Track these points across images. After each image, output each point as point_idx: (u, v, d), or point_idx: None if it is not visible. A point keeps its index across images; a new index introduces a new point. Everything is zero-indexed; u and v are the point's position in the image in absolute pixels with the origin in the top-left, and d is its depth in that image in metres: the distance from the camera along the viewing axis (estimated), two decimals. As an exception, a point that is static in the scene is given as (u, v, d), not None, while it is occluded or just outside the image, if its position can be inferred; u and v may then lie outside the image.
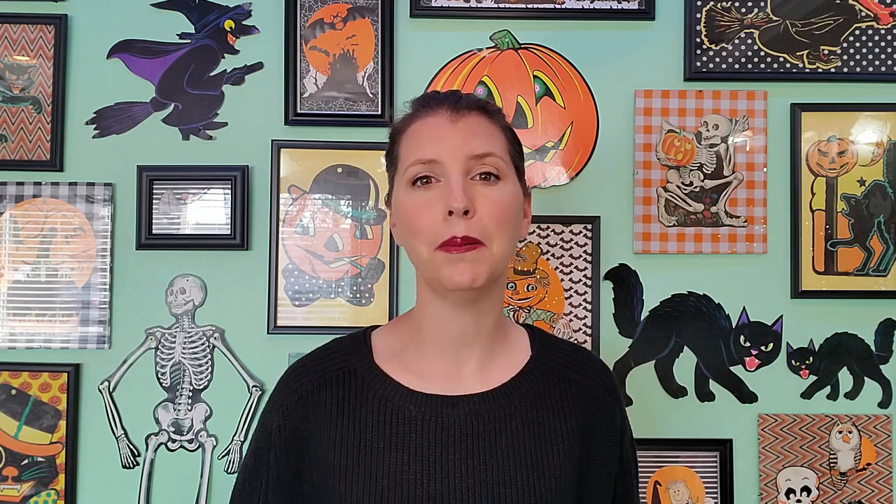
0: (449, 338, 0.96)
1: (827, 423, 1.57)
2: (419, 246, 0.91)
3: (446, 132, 0.92)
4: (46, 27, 1.58)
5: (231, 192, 1.55)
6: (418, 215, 0.91)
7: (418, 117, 0.95)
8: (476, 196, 0.90)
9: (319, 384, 0.96)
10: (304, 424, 0.95)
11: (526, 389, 0.96)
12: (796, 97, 1.59)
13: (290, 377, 1.00)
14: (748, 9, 1.59)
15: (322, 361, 0.99)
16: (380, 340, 1.01)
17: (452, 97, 0.95)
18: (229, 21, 1.59)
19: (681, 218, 1.58)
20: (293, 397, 0.96)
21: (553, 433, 0.94)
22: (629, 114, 1.59)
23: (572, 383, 0.99)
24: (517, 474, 0.91)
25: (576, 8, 1.58)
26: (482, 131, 0.93)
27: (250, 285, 1.57)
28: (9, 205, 1.57)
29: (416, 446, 0.91)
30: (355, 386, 0.95)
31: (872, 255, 1.58)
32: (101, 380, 1.55)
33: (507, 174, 0.93)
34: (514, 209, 0.93)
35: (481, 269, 0.89)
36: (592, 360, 1.05)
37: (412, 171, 0.92)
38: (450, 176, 0.90)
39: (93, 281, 1.56)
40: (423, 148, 0.92)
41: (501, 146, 0.94)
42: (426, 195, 0.91)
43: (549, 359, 1.00)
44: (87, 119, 1.58)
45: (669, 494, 1.56)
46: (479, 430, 0.92)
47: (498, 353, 0.98)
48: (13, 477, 1.54)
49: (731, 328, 1.58)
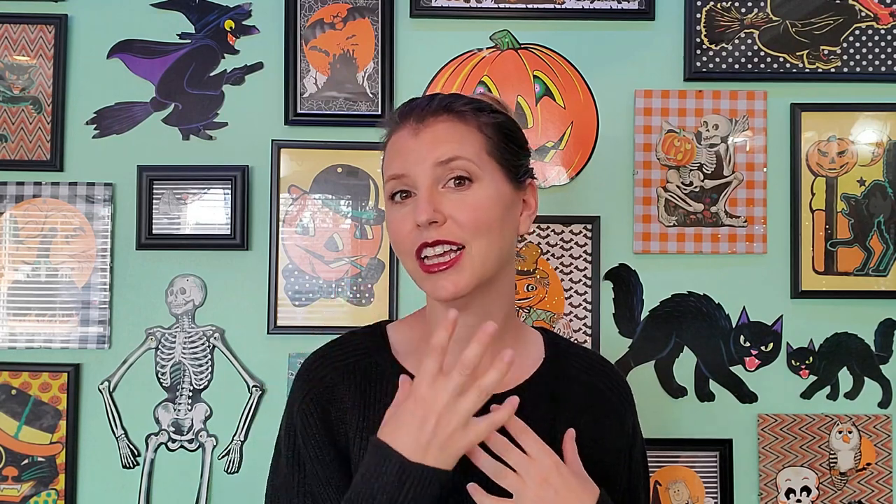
0: (456, 339, 0.94)
1: (827, 423, 1.57)
2: (403, 258, 0.93)
3: (411, 145, 0.92)
4: (46, 27, 1.58)
5: (231, 192, 1.55)
6: (397, 229, 0.92)
7: (394, 131, 0.95)
8: (446, 204, 0.89)
9: (342, 374, 0.95)
10: (331, 414, 0.94)
11: (541, 390, 0.96)
12: (796, 97, 1.59)
13: (311, 368, 0.98)
14: (748, 9, 1.59)
15: (343, 352, 0.98)
16: (396, 335, 1.00)
17: (421, 105, 0.94)
18: (229, 21, 1.59)
19: (681, 218, 1.58)
20: (318, 387, 0.95)
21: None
22: (629, 114, 1.59)
23: (584, 386, 0.99)
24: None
25: (576, 8, 1.58)
26: (448, 137, 0.91)
27: (250, 285, 1.57)
28: (9, 205, 1.57)
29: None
30: (376, 378, 0.95)
31: (872, 255, 1.58)
32: (101, 380, 1.55)
33: (481, 175, 0.91)
34: (493, 209, 0.91)
35: (463, 280, 0.89)
36: (606, 366, 1.04)
37: (388, 187, 0.93)
38: (418, 188, 0.90)
39: (93, 281, 1.56)
40: (394, 163, 0.93)
41: (474, 148, 0.91)
42: (404, 209, 0.92)
43: (562, 362, 1.00)
44: (87, 119, 1.58)
45: (669, 494, 1.56)
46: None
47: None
48: (13, 477, 1.54)
49: (731, 328, 1.58)
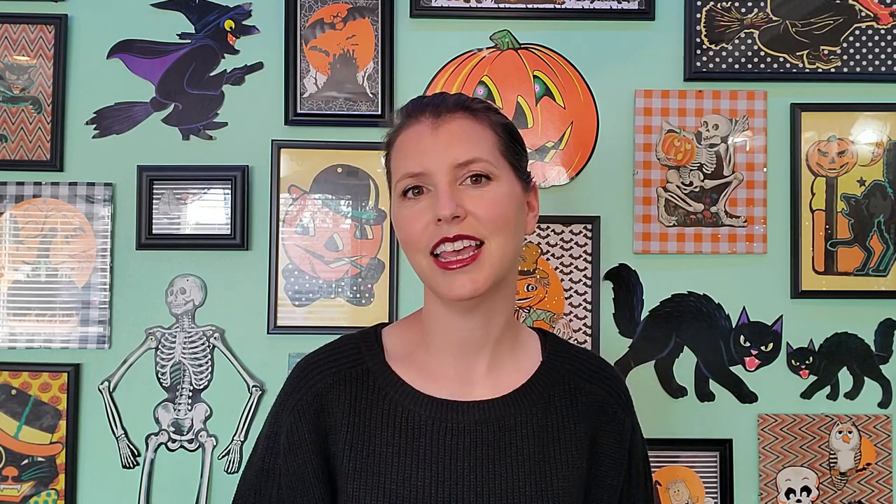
0: (457, 342, 0.95)
1: (827, 423, 1.57)
2: (415, 255, 0.91)
3: (429, 142, 0.91)
4: (46, 27, 1.58)
5: (231, 192, 1.55)
6: (411, 225, 0.91)
7: (404, 128, 0.94)
8: (466, 200, 0.89)
9: (334, 381, 0.94)
10: (321, 421, 0.93)
11: (536, 396, 0.95)
12: (796, 97, 1.59)
13: (303, 373, 0.97)
14: (748, 9, 1.59)
15: (335, 358, 0.97)
16: (390, 339, 0.99)
17: (434, 101, 0.94)
18: (229, 21, 1.59)
19: (681, 218, 1.58)
20: (309, 394, 0.94)
21: (562, 443, 0.94)
22: (629, 114, 1.59)
23: (582, 392, 0.98)
24: (526, 483, 0.90)
25: (576, 8, 1.58)
26: (466, 135, 0.91)
27: (250, 285, 1.57)
28: (9, 205, 1.57)
29: (424, 452, 0.90)
30: (367, 386, 0.94)
31: (872, 255, 1.58)
32: (101, 380, 1.55)
33: (498, 174, 0.91)
34: (510, 207, 0.92)
35: (482, 277, 0.88)
36: (605, 369, 1.03)
37: (402, 184, 0.92)
38: (437, 185, 0.89)
39: (93, 281, 1.56)
40: (409, 161, 0.91)
41: (489, 147, 0.92)
42: (418, 205, 0.91)
43: (560, 365, 0.99)
44: (87, 119, 1.58)
45: (669, 494, 1.56)
46: (489, 437, 0.91)
47: (508, 357, 0.97)
48: (13, 477, 1.54)
49: (731, 328, 1.58)
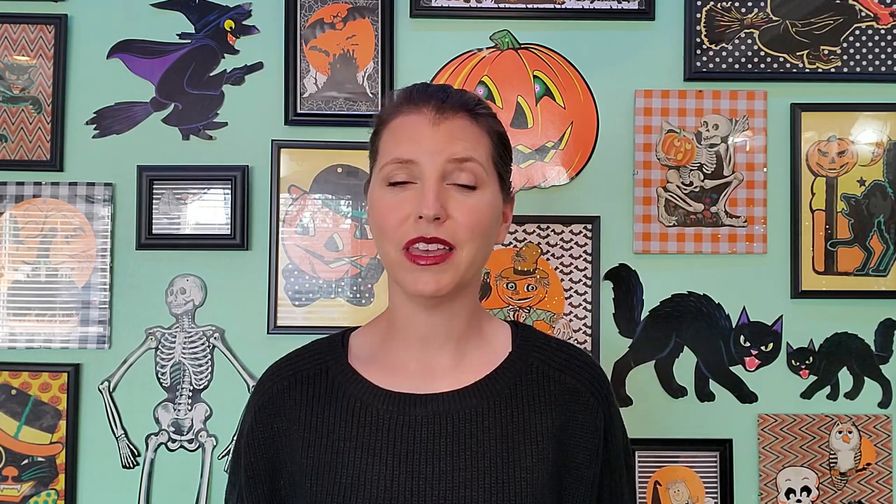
0: (419, 337, 0.95)
1: (827, 423, 1.57)
2: (386, 245, 0.90)
3: (427, 133, 0.90)
4: (46, 27, 1.58)
5: (231, 192, 1.55)
6: (389, 215, 0.89)
7: (402, 112, 0.92)
8: (450, 202, 0.88)
9: (290, 383, 0.96)
10: (276, 422, 0.95)
11: (500, 387, 0.94)
12: (796, 97, 1.59)
13: (264, 377, 1.00)
14: (748, 9, 1.59)
15: (296, 361, 0.99)
16: (357, 341, 1.00)
17: (440, 94, 0.93)
18: (229, 21, 1.59)
19: (681, 218, 1.58)
20: (265, 396, 0.97)
21: (527, 433, 0.91)
22: (629, 114, 1.59)
23: (552, 381, 0.95)
24: (485, 475, 0.89)
25: (576, 8, 1.58)
26: (465, 135, 0.91)
27: (250, 285, 1.57)
28: (9, 205, 1.57)
29: (381, 446, 0.90)
30: (326, 384, 0.95)
31: (872, 255, 1.58)
32: (101, 380, 1.56)
33: (485, 182, 0.91)
34: (489, 217, 0.91)
35: (446, 279, 0.88)
36: (577, 357, 0.99)
37: (388, 169, 0.90)
38: (425, 180, 0.88)
39: (93, 281, 1.56)
40: (402, 147, 0.90)
41: (484, 152, 0.91)
42: (399, 196, 0.89)
43: (528, 355, 0.97)
44: (87, 119, 1.58)
45: (669, 494, 1.56)
46: (448, 429, 0.90)
47: (473, 350, 0.96)
48: (13, 477, 1.54)
49: (731, 328, 1.58)
